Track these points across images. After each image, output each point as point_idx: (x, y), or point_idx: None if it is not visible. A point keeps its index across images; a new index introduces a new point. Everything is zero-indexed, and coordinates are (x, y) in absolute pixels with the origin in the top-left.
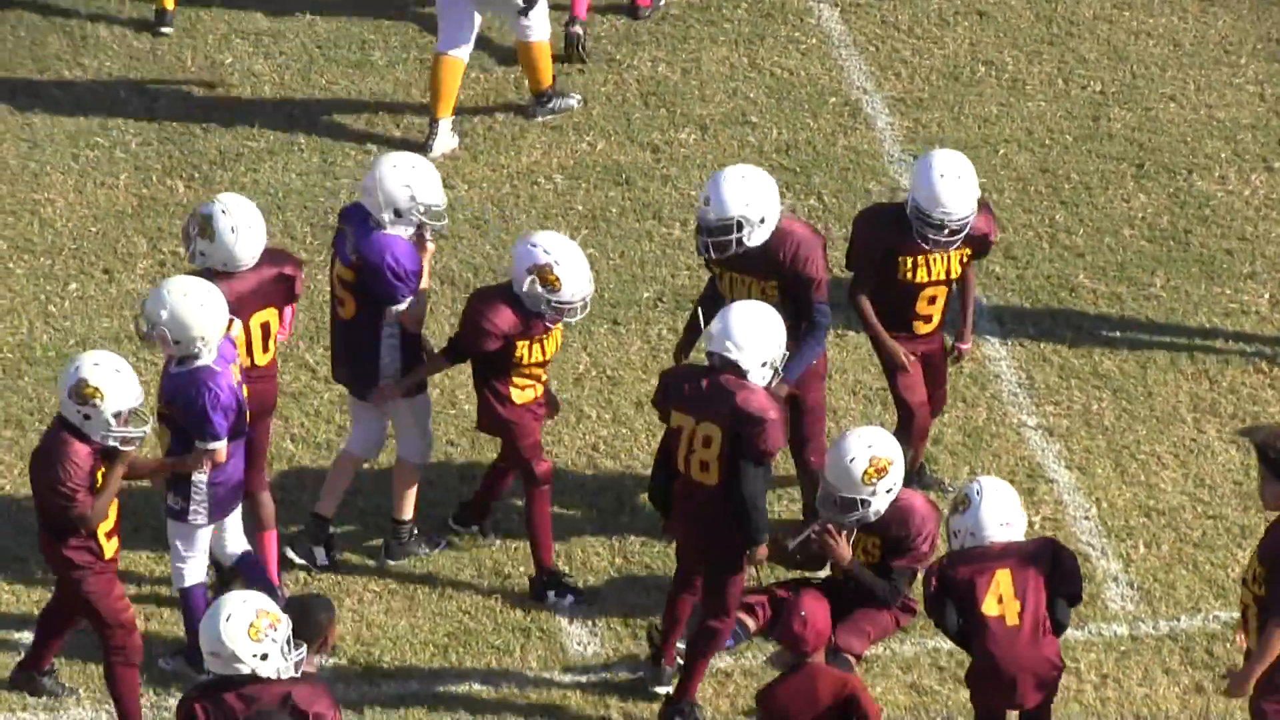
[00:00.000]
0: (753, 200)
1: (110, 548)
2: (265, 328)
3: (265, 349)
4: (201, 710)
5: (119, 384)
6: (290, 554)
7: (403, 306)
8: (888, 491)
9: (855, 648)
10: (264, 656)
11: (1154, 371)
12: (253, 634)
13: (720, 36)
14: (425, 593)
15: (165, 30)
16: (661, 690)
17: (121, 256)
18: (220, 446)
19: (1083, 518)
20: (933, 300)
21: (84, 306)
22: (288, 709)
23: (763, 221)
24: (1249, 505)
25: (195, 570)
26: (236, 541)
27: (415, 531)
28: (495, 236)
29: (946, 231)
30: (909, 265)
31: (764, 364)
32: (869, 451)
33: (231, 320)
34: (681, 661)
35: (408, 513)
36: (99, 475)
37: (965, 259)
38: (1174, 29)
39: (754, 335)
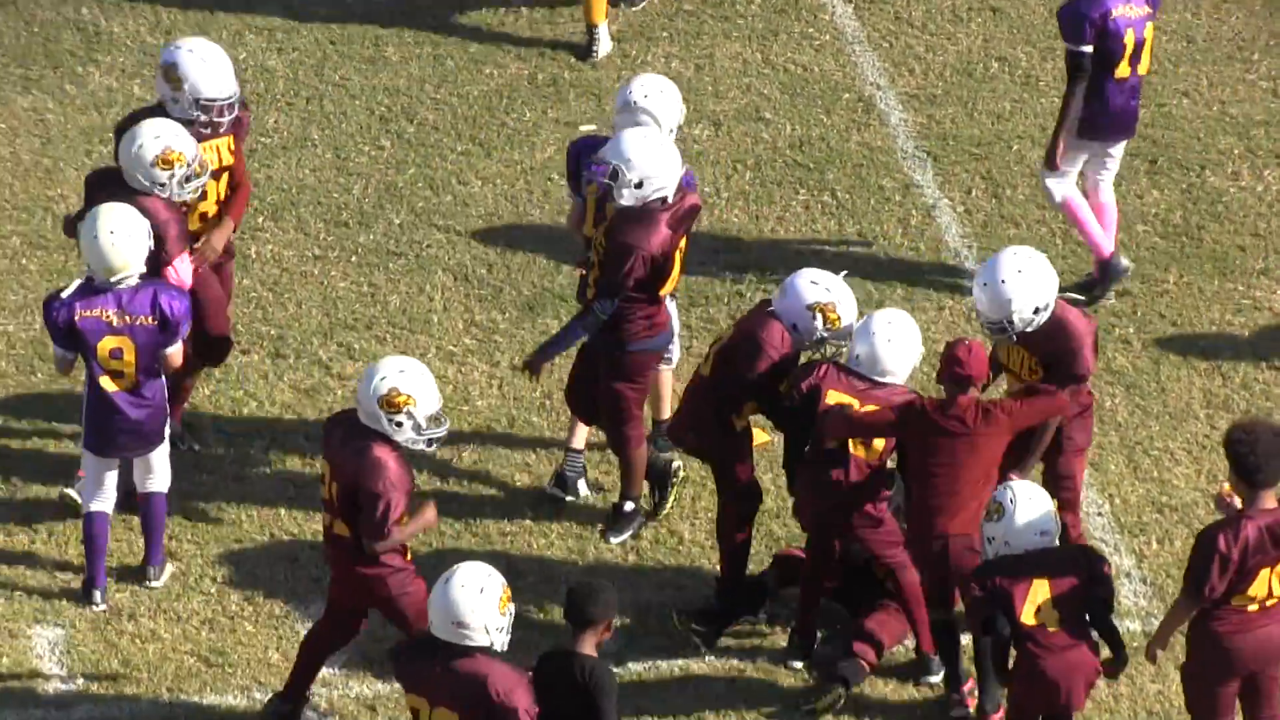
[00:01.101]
0: (639, 161)
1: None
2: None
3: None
4: (399, 665)
5: (427, 388)
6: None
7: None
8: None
9: (869, 656)
10: (501, 630)
11: (1167, 368)
12: (500, 608)
13: (734, 32)
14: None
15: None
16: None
17: None
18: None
19: (1095, 514)
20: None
21: None
22: (485, 687)
23: (638, 186)
24: None
25: (93, 498)
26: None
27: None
28: (509, 232)
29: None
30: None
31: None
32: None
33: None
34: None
35: (665, 413)
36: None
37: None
38: (1187, 25)
39: (900, 352)
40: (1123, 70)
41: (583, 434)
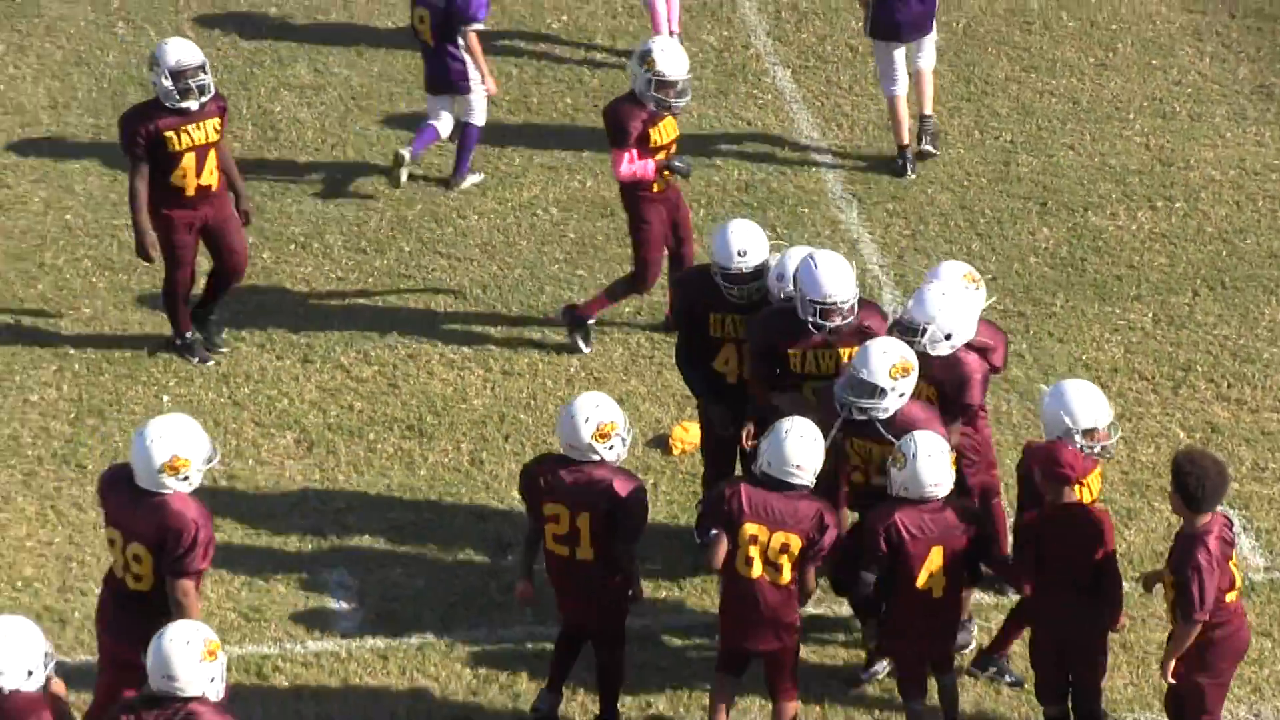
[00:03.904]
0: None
1: None
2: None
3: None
4: (538, 475)
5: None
6: None
7: None
8: (900, 395)
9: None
10: (611, 447)
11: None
12: (598, 437)
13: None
14: (437, 554)
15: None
16: None
17: None
18: None
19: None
20: None
21: (153, 316)
22: (610, 488)
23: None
24: (1134, 491)
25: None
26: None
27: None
28: (501, 259)
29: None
30: None
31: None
32: (899, 352)
33: None
34: None
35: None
36: None
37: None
38: (1073, 89)
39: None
40: None
41: None
